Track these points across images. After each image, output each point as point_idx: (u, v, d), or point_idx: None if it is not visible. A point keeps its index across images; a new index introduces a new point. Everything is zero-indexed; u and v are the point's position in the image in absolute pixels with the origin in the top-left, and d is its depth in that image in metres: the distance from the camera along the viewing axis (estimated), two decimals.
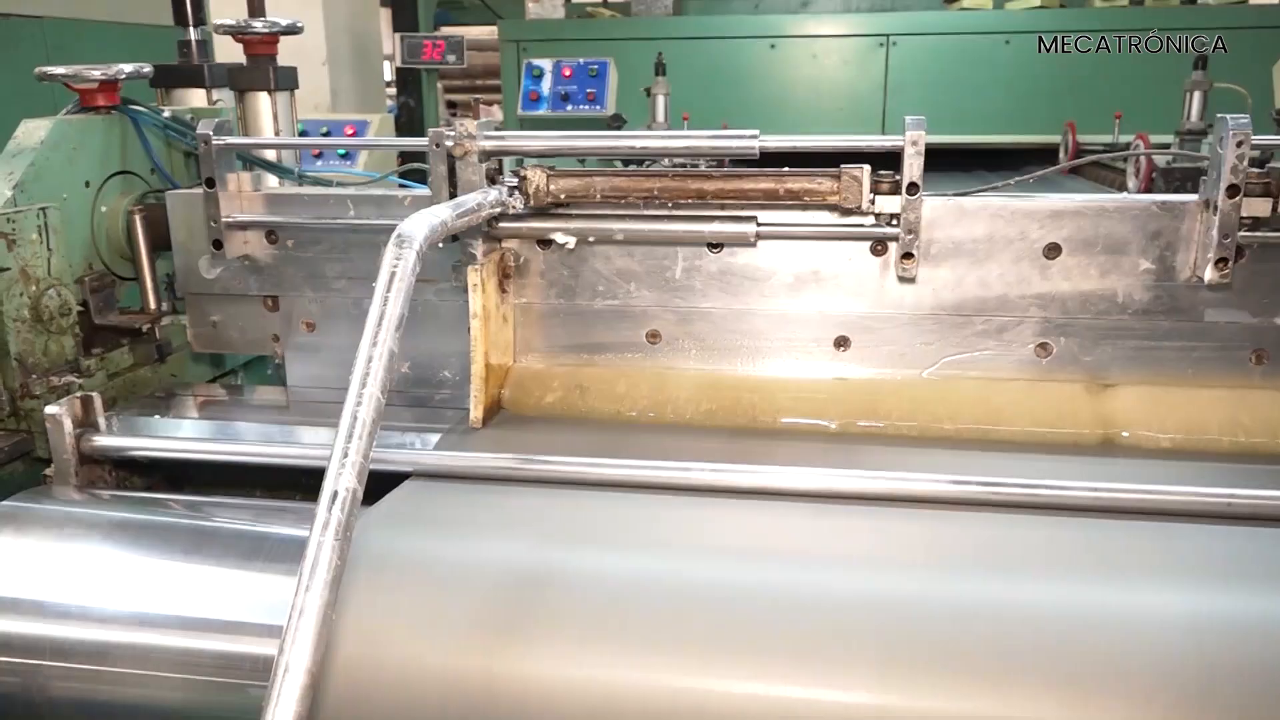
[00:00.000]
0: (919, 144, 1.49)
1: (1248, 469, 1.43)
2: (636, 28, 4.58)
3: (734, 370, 1.68)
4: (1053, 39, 4.24)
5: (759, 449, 1.50)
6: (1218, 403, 1.51)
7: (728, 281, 1.67)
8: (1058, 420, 1.54)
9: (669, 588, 1.16)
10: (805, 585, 1.15)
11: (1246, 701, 0.99)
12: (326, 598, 0.89)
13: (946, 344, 1.62)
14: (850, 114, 4.47)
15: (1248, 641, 1.04)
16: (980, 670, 1.04)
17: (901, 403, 1.58)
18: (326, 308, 1.82)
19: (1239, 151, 1.42)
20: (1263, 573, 1.15)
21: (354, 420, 0.99)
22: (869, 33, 4.42)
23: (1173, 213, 1.52)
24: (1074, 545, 1.22)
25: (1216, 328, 1.55)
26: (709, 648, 1.08)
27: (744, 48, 4.48)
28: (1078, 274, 1.57)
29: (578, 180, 1.60)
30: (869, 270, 1.62)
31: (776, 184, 1.56)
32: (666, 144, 1.61)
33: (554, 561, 1.20)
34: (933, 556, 1.21)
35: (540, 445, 1.48)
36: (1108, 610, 1.09)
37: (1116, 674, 1.02)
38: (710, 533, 1.27)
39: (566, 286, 1.71)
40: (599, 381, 1.66)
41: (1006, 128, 4.38)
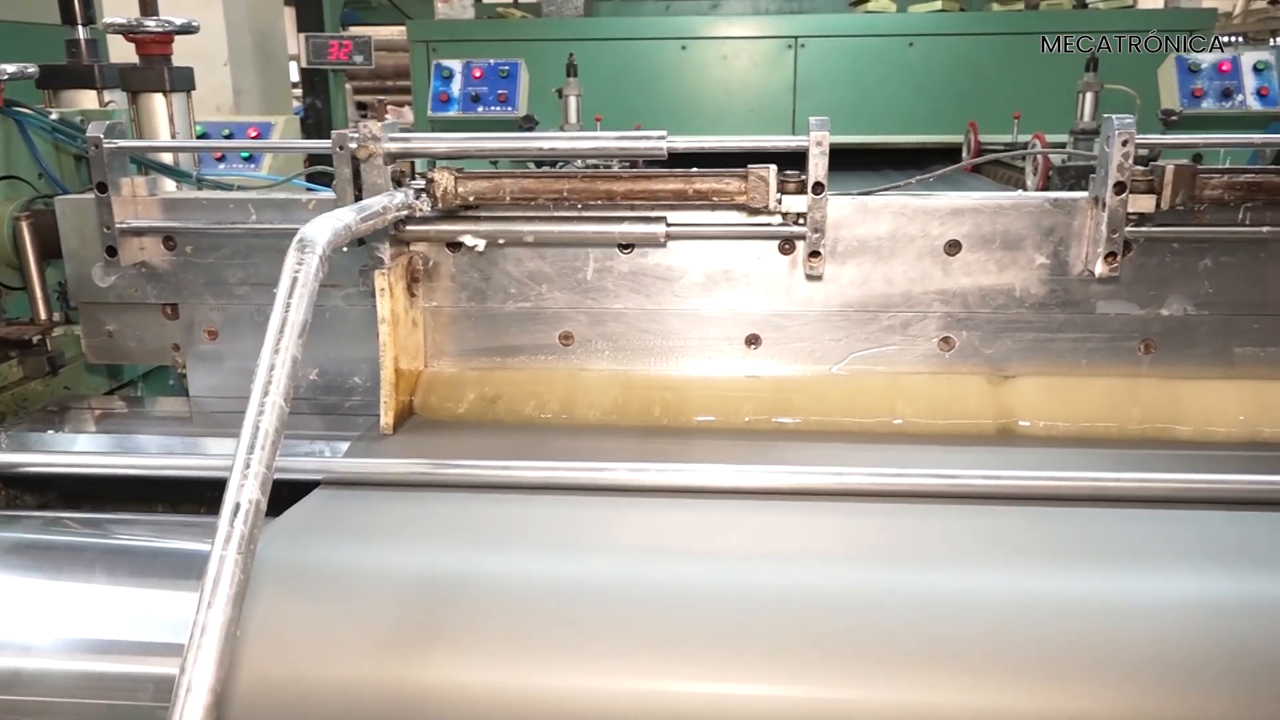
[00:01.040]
0: (823, 144, 1.52)
1: (1137, 454, 1.49)
2: (547, 29, 4.57)
3: (647, 370, 1.68)
4: (954, 41, 4.38)
5: (673, 448, 1.51)
6: (1109, 391, 1.58)
7: (640, 282, 1.68)
8: (961, 411, 1.58)
9: (586, 589, 1.16)
10: (722, 581, 1.16)
11: (1158, 681, 1.03)
12: (229, 614, 0.87)
13: (854, 340, 1.66)
14: (761, 115, 4.53)
15: (1157, 621, 1.08)
16: (898, 658, 1.06)
17: (812, 398, 1.61)
18: (229, 315, 1.77)
19: (1124, 150, 1.48)
20: (1160, 553, 1.20)
21: (256, 430, 0.97)
22: (777, 35, 4.49)
23: (1065, 209, 1.58)
24: (980, 532, 1.26)
25: (1107, 319, 1.61)
26: (629, 647, 1.08)
27: (655, 49, 4.50)
28: (977, 269, 1.62)
29: (486, 182, 1.59)
30: (778, 269, 1.64)
31: (685, 184, 1.57)
32: (574, 145, 1.61)
33: (469, 566, 1.18)
34: (847, 548, 1.24)
35: (453, 450, 1.47)
36: (1018, 594, 1.13)
37: (1032, 656, 1.05)
38: (626, 532, 1.28)
39: (477, 289, 1.69)
40: (512, 384, 1.65)
41: (912, 128, 4.50)
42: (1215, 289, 1.59)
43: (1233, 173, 1.49)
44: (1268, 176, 1.47)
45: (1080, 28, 4.21)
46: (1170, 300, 1.60)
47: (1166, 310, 1.60)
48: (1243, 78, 3.20)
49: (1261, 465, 1.43)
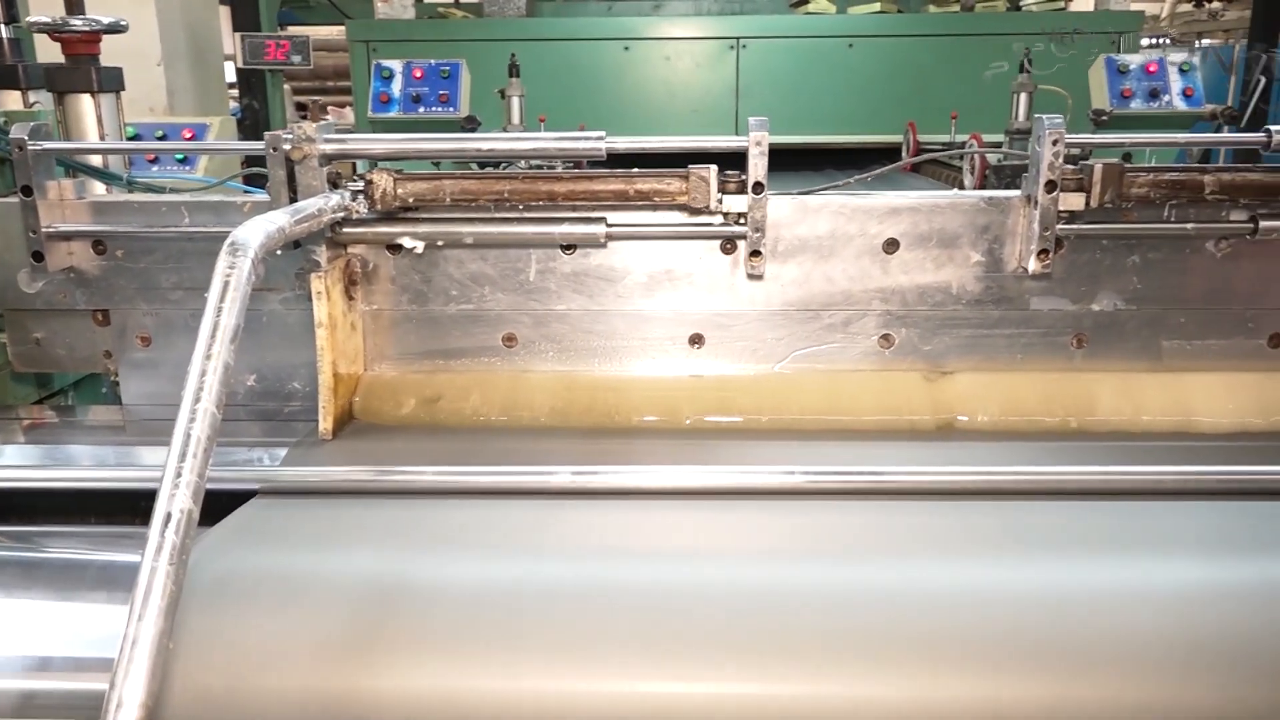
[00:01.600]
0: (762, 144, 1.53)
1: (1071, 447, 1.53)
2: (489, 29, 4.54)
3: (591, 371, 1.68)
4: (892, 42, 4.44)
5: (617, 448, 1.51)
6: (1044, 385, 1.61)
7: (582, 283, 1.67)
8: (901, 408, 1.60)
9: (530, 592, 1.15)
10: (668, 581, 1.16)
11: (1104, 669, 1.05)
12: (161, 626, 0.85)
13: (796, 338, 1.67)
14: (704, 115, 4.56)
15: (1101, 611, 1.10)
16: (847, 653, 1.06)
17: (755, 397, 1.62)
18: (162, 321, 1.73)
19: (1055, 150, 1.52)
20: (1094, 543, 1.23)
21: (187, 438, 0.95)
22: (719, 35, 4.51)
23: (999, 208, 1.61)
24: (923, 527, 1.27)
25: (1041, 315, 1.65)
26: (577, 649, 1.08)
27: (598, 49, 4.50)
28: (915, 267, 1.64)
29: (426, 183, 1.57)
30: (720, 268, 1.65)
31: (626, 185, 1.57)
32: (514, 146, 1.60)
33: (412, 572, 1.17)
34: (792, 546, 1.25)
35: (394, 455, 1.45)
36: (961, 587, 1.14)
37: (976, 647, 1.06)
38: (571, 535, 1.27)
39: (418, 292, 1.67)
40: (454, 387, 1.63)
41: (853, 128, 4.56)
42: (1143, 284, 1.63)
43: (1158, 171, 1.53)
44: (1190, 175, 1.52)
45: (1014, 29, 4.30)
46: (1100, 296, 1.64)
47: (1097, 305, 1.64)
48: (1168, 79, 3.29)
49: (1190, 456, 1.48)
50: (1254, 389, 1.59)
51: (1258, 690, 1.03)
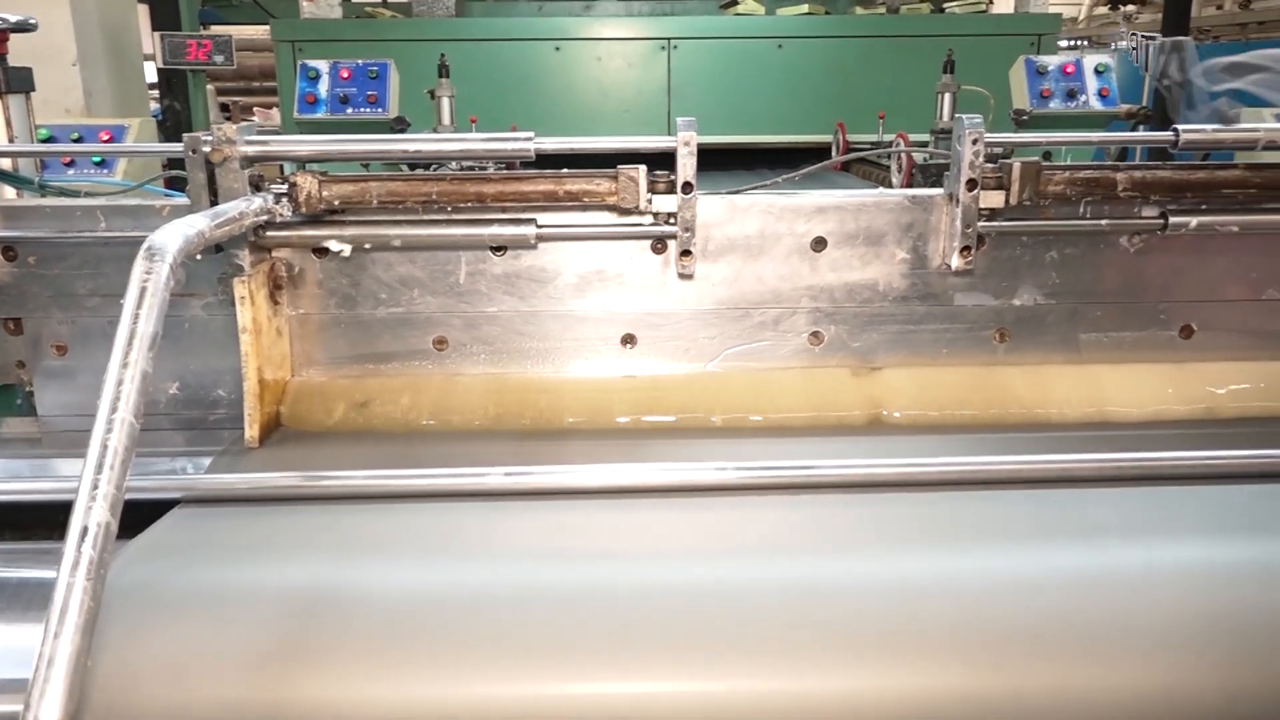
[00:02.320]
0: (691, 144, 1.54)
1: (996, 438, 1.57)
2: (418, 29, 4.48)
3: (524, 373, 1.67)
4: (820, 43, 4.50)
5: (550, 450, 1.51)
6: (968, 379, 1.65)
7: (513, 284, 1.67)
8: (832, 404, 1.63)
9: (464, 597, 1.14)
10: (605, 581, 1.16)
11: (1032, 653, 1.08)
12: (79, 643, 0.83)
13: (727, 337, 1.69)
14: (637, 115, 4.56)
15: (1027, 596, 1.13)
16: (785, 647, 1.07)
17: (688, 396, 1.63)
18: (79, 329, 1.68)
19: (975, 149, 1.55)
20: (1018, 531, 1.26)
21: (104, 449, 0.93)
22: (650, 36, 4.52)
23: (922, 206, 1.64)
24: (855, 520, 1.29)
25: (965, 310, 1.69)
26: (511, 653, 1.07)
27: (529, 50, 4.48)
28: (843, 265, 1.67)
29: (352, 185, 1.55)
30: (651, 268, 1.66)
31: (556, 185, 1.57)
32: (441, 147, 1.58)
33: (342, 580, 1.15)
34: (726, 542, 1.26)
35: (323, 461, 1.43)
36: (891, 579, 1.16)
37: (912, 638, 1.08)
38: (504, 537, 1.26)
39: (346, 295, 1.65)
40: (385, 391, 1.61)
41: (784, 128, 4.60)
42: (1061, 279, 1.68)
43: (1073, 169, 1.58)
44: (1104, 172, 1.57)
45: (937, 30, 4.39)
46: (1021, 291, 1.68)
47: (1018, 300, 1.68)
48: (1085, 79, 3.39)
49: (1107, 444, 1.52)
50: (1167, 379, 1.65)
51: (1176, 669, 1.07)
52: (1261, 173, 1.58)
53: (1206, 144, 1.55)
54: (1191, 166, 1.59)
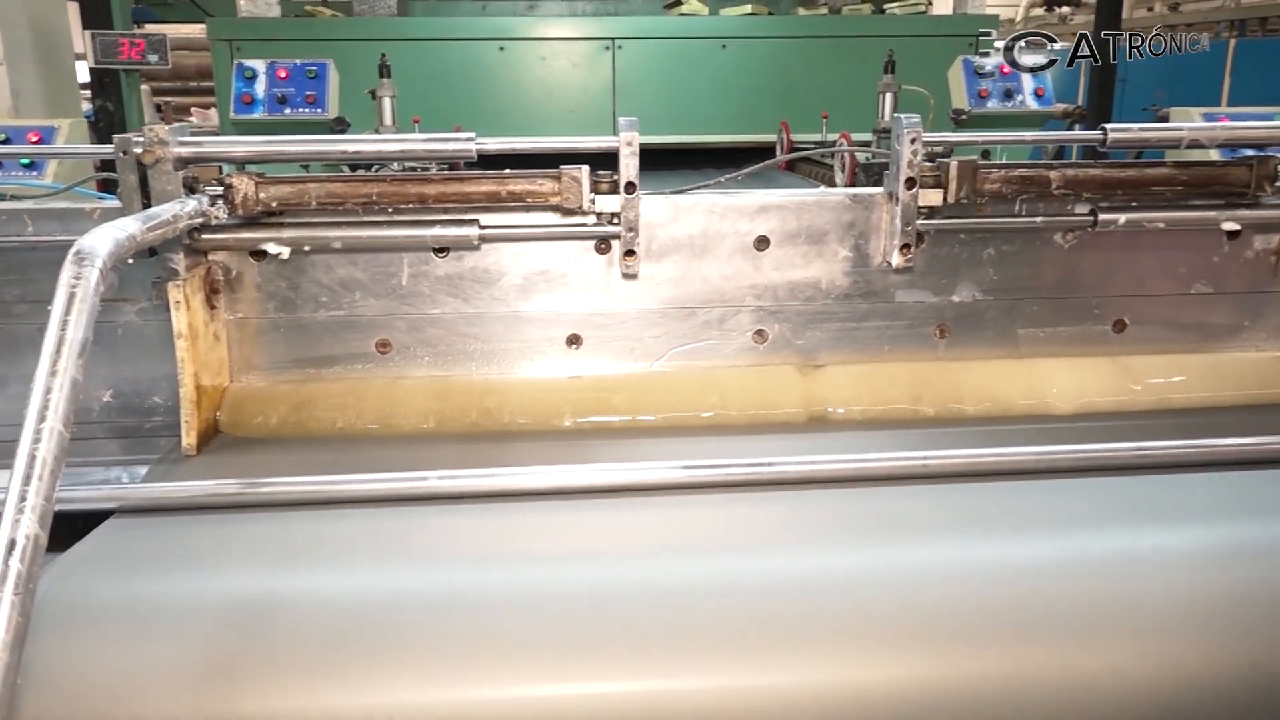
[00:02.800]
0: (633, 144, 1.54)
1: (939, 432, 1.59)
2: (358, 28, 4.43)
3: (468, 375, 1.66)
4: (764, 43, 4.53)
5: (496, 452, 1.49)
6: (910, 374, 1.67)
7: (457, 286, 1.65)
8: (777, 402, 1.64)
9: (409, 602, 1.13)
10: (551, 583, 1.16)
11: (975, 643, 1.09)
12: (8, 660, 0.80)
13: (673, 336, 1.69)
14: (582, 116, 4.56)
15: (972, 587, 1.15)
16: (735, 645, 1.08)
17: (634, 395, 1.63)
18: (7, 336, 1.63)
19: (913, 148, 1.58)
20: (962, 523, 1.27)
21: (32, 459, 0.90)
22: (595, 36, 4.52)
23: (863, 204, 1.66)
24: (804, 516, 1.30)
25: (906, 307, 1.71)
26: (458, 658, 1.06)
27: (473, 50, 4.45)
28: (786, 264, 1.68)
29: (290, 187, 1.53)
30: (595, 268, 1.66)
31: (499, 186, 1.56)
32: (380, 148, 1.56)
33: (283, 589, 1.13)
34: (674, 541, 1.26)
35: (263, 467, 1.40)
36: (838, 573, 1.17)
37: (859, 631, 1.09)
38: (450, 541, 1.25)
39: (286, 299, 1.62)
40: (326, 396, 1.59)
41: (730, 128, 4.63)
42: (999, 275, 1.71)
43: (1009, 168, 1.61)
44: (1038, 171, 1.60)
45: (878, 31, 4.45)
46: (960, 287, 1.71)
47: (957, 297, 1.71)
48: (1022, 79, 3.46)
49: (1046, 437, 1.55)
50: (1101, 372, 1.68)
51: (1121, 653, 1.09)
52: (1187, 170, 1.63)
53: (1133, 143, 1.59)
54: (1121, 165, 1.63)
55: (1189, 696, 1.09)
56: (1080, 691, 1.08)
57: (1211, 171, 1.63)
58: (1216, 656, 1.10)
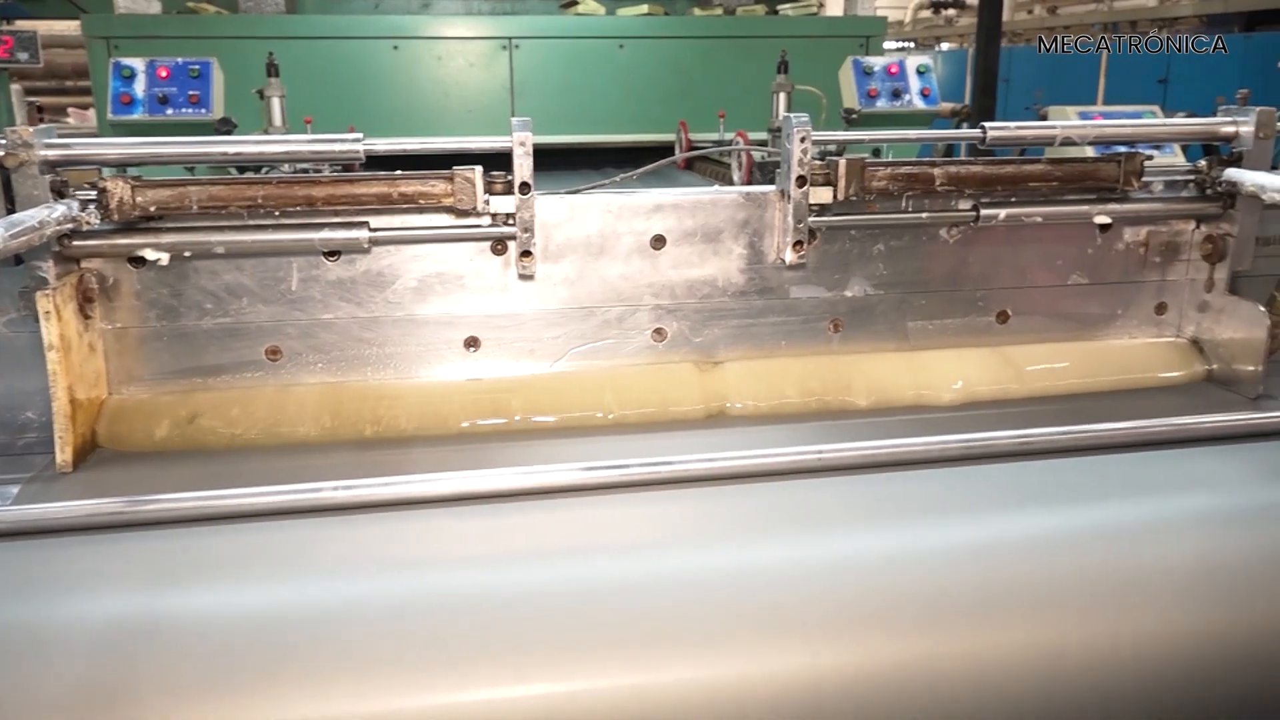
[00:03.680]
0: (526, 144, 1.53)
1: (835, 425, 1.62)
2: (245, 25, 4.29)
3: (363, 381, 1.63)
4: (661, 43, 4.56)
5: (393, 459, 1.47)
6: (806, 369, 1.70)
7: (350, 290, 1.61)
8: (677, 399, 1.65)
9: (304, 616, 1.10)
10: (452, 591, 1.14)
11: (888, 629, 1.12)
12: None
13: (572, 336, 1.68)
14: (480, 115, 4.50)
15: (877, 576, 1.17)
16: (640, 645, 1.08)
17: (534, 397, 1.62)
18: None
19: (803, 146, 1.61)
20: (870, 513, 1.31)
21: None
22: (491, 35, 4.48)
23: (756, 202, 1.69)
24: (704, 512, 1.31)
25: (800, 303, 1.74)
26: (358, 671, 1.04)
27: (366, 49, 4.36)
28: (683, 262, 1.69)
29: (169, 190, 1.47)
30: (492, 270, 1.64)
31: (389, 188, 1.53)
32: (262, 149, 1.52)
33: (171, 609, 1.09)
34: (574, 542, 1.25)
35: (147, 483, 1.34)
36: (739, 567, 1.19)
37: (767, 623, 1.11)
38: (345, 552, 1.22)
39: (168, 307, 1.56)
40: (214, 406, 1.53)
41: (629, 127, 4.64)
42: (888, 270, 1.75)
43: (895, 165, 1.66)
44: (922, 168, 1.65)
45: (772, 32, 4.52)
46: (852, 283, 1.75)
47: (849, 292, 1.75)
48: (909, 79, 3.56)
49: (937, 426, 1.60)
50: (986, 362, 1.74)
51: (1009, 635, 1.13)
52: (1062, 166, 1.70)
53: (1011, 140, 1.65)
54: (1001, 161, 1.69)
55: (1083, 672, 1.14)
56: (986, 672, 1.12)
57: (1084, 168, 1.70)
58: (1104, 633, 1.16)
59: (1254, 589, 1.20)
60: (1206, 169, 1.73)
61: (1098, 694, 1.14)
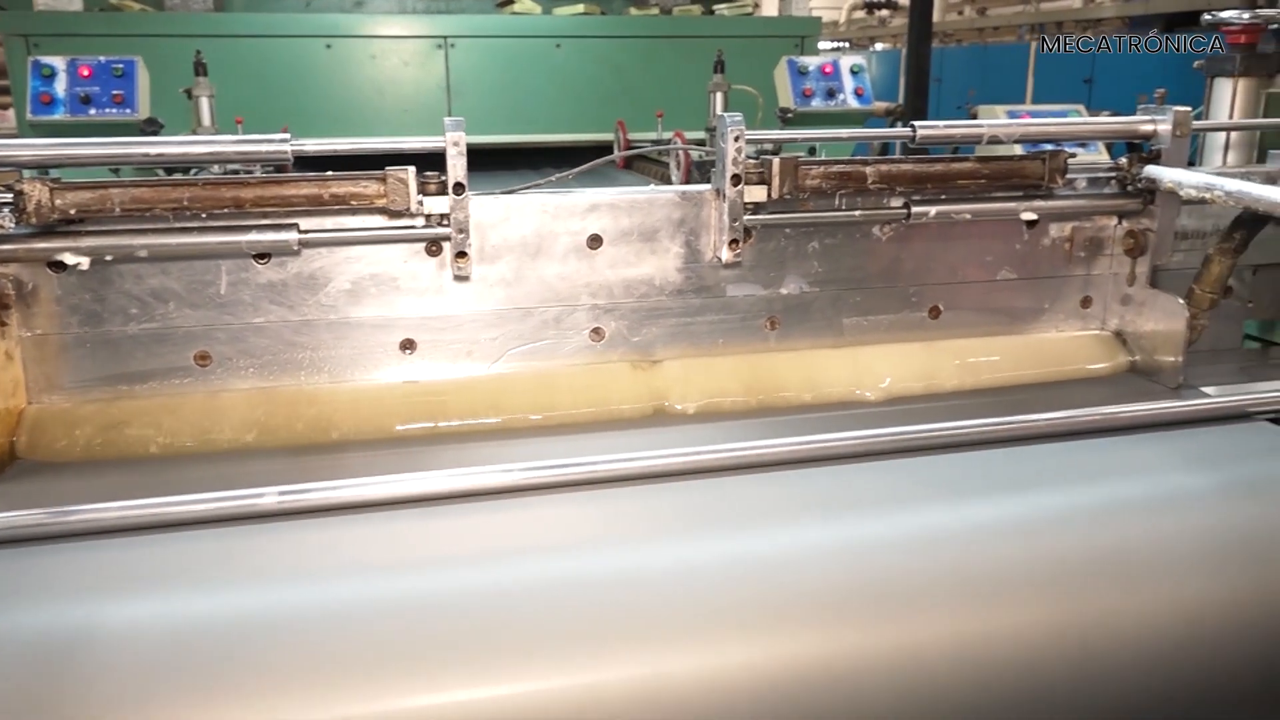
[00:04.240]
0: (460, 145, 1.51)
1: (775, 421, 1.64)
2: (171, 23, 4.19)
3: (297, 385, 1.60)
4: (598, 43, 4.56)
5: (327, 464, 1.45)
6: (744, 366, 1.72)
7: (281, 293, 1.58)
8: (616, 398, 1.65)
9: (234, 625, 1.07)
10: (389, 596, 1.13)
11: (821, 622, 1.13)
12: None
13: (509, 337, 1.68)
14: (416, 115, 4.46)
15: (817, 569, 1.19)
16: (582, 646, 1.08)
17: (471, 399, 1.61)
18: None
19: (737, 145, 1.62)
20: (808, 508, 1.32)
21: None
22: (426, 34, 4.43)
23: (692, 201, 1.69)
24: (645, 510, 1.31)
25: (737, 301, 1.75)
26: (292, 680, 1.02)
27: (297, 47, 4.29)
28: (620, 262, 1.69)
29: (91, 193, 1.43)
30: (427, 271, 1.62)
31: (320, 189, 1.50)
32: (186, 150, 1.48)
33: (98, 623, 1.06)
34: (515, 543, 1.24)
35: (70, 494, 1.30)
36: (680, 565, 1.19)
37: (708, 619, 1.11)
38: (274, 559, 1.20)
39: (90, 312, 1.52)
40: (140, 414, 1.49)
41: (567, 127, 4.63)
42: (823, 267, 1.77)
43: (828, 164, 1.68)
44: (854, 167, 1.67)
45: (708, 32, 4.55)
46: (788, 280, 1.77)
47: (785, 289, 1.77)
48: (843, 79, 3.61)
49: (871, 420, 1.63)
50: (919, 357, 1.78)
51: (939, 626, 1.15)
52: (990, 165, 1.74)
53: (939, 139, 1.68)
54: (931, 160, 1.73)
55: (1012, 659, 1.16)
56: (922, 661, 1.14)
57: (1010, 166, 1.74)
58: (1035, 618, 1.18)
59: (1176, 569, 1.24)
60: (1127, 166, 1.78)
61: (1029, 678, 1.17)
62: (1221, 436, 1.50)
